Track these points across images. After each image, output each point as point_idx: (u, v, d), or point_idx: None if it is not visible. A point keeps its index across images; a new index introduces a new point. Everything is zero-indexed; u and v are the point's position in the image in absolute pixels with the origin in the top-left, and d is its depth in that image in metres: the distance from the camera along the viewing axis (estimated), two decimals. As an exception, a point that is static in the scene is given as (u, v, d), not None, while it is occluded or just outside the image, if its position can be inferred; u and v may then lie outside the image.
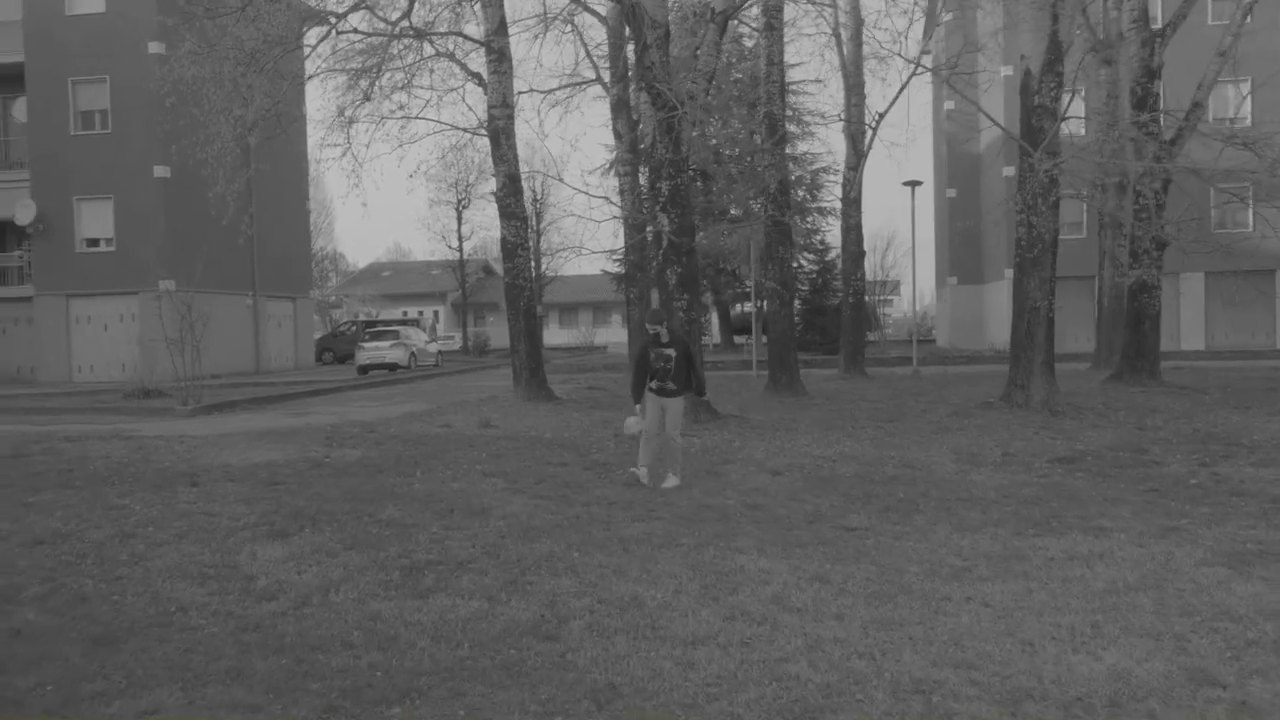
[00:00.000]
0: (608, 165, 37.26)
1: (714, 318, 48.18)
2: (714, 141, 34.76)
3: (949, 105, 40.02)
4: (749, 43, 31.32)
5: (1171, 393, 17.66)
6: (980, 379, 22.40)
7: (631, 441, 10.71)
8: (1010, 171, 34.60)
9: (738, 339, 45.59)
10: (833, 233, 40.85)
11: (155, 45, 27.42)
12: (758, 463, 11.13)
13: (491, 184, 56.58)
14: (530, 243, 17.55)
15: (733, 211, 39.74)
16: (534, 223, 36.88)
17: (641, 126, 13.63)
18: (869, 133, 20.48)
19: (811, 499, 9.11)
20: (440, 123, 17.37)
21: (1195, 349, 33.31)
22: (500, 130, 17.11)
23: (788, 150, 42.35)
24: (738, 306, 45.63)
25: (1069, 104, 14.60)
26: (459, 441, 12.72)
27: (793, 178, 40.76)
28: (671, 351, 9.52)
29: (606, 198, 28.83)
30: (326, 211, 62.09)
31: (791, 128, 41.00)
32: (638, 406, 9.69)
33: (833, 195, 40.32)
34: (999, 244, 35.98)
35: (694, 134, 13.43)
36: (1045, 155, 15.02)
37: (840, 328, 22.41)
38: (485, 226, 79.85)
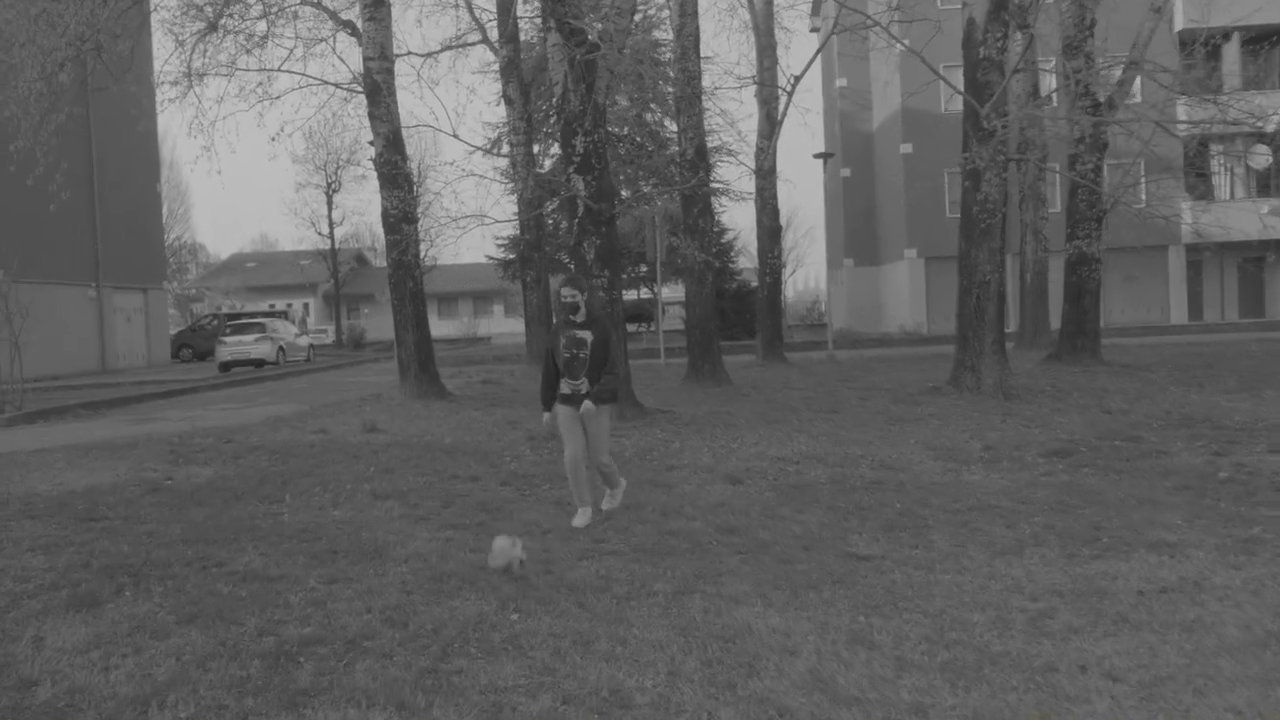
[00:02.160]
0: (489, 144, 34.94)
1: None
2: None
3: (841, 82, 39.14)
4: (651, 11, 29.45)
5: (1116, 372, 16.70)
6: (904, 362, 21.23)
7: (552, 445, 8.73)
8: (908, 149, 33.93)
9: (630, 327, 43.82)
10: (728, 213, 39.47)
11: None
12: (708, 468, 9.32)
13: (365, 163, 53.17)
14: (417, 215, 15.23)
15: (622, 194, 37.93)
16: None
17: (552, 76, 11.57)
18: (783, 98, 18.92)
19: (793, 515, 7.35)
20: (308, 76, 14.95)
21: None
22: (379, 85, 14.75)
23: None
24: (629, 293, 43.87)
25: (1019, 59, 13.28)
26: (339, 452, 10.48)
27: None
28: (587, 335, 6.88)
29: (498, 178, 26.57)
30: (182, 198, 57.50)
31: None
32: (546, 415, 7.10)
33: (722, 176, 38.93)
34: (897, 224, 35.26)
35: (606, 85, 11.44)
36: (993, 113, 13.67)
37: (745, 311, 21.02)
38: (358, 211, 75.97)
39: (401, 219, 14.99)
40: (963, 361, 14.44)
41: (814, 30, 37.90)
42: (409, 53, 15.69)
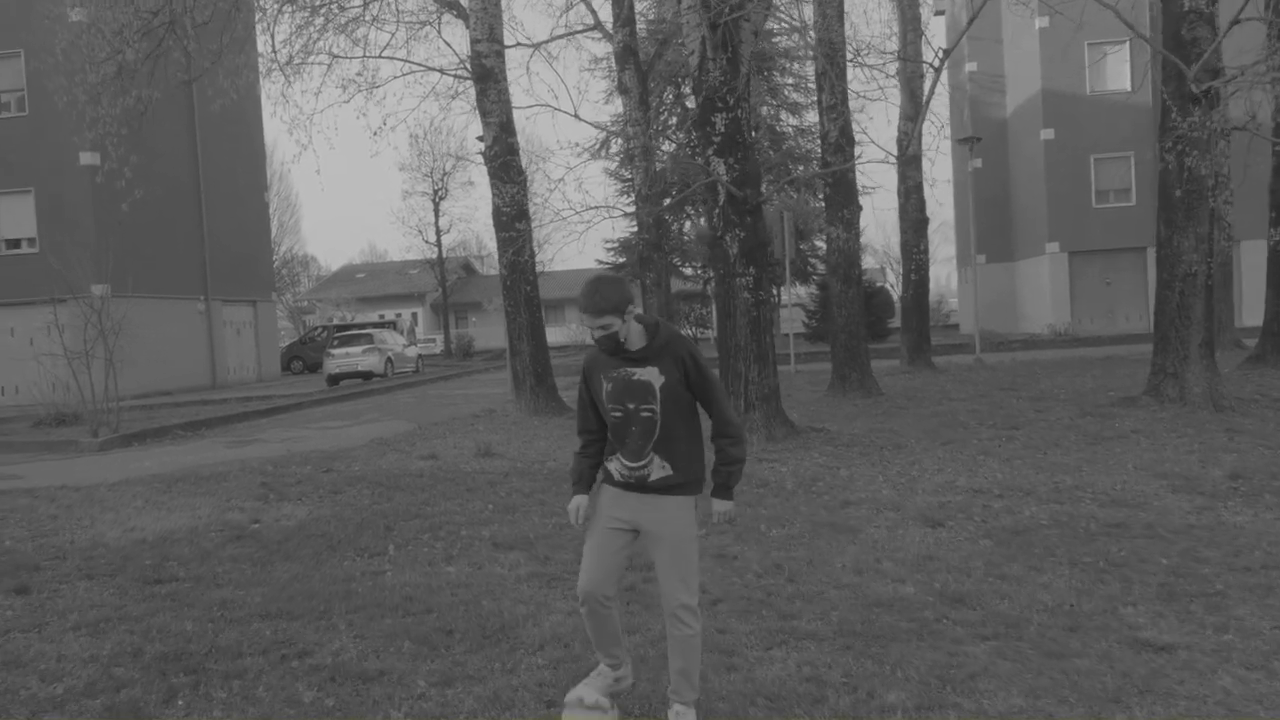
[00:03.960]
0: (597, 143, 33.66)
1: (713, 309, 44.60)
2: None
3: (971, 66, 36.59)
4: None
5: (1339, 377, 14.22)
6: (1067, 367, 18.92)
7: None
8: (1049, 135, 31.26)
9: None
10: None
11: (78, 12, 23.53)
12: (893, 504, 7.57)
13: (471, 168, 52.57)
14: (530, 213, 13.85)
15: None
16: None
17: (686, 46, 9.97)
18: (930, 75, 16.91)
19: (1028, 574, 5.63)
20: (411, 62, 13.70)
21: (1256, 324, 29.98)
22: (488, 71, 13.40)
23: (794, 122, 38.89)
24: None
25: (1239, 10, 11.08)
26: (451, 482, 9.06)
27: (800, 151, 37.25)
28: (652, 373, 3.71)
29: (616, 173, 25.12)
30: (292, 209, 58.11)
31: (797, 96, 37.47)
32: (575, 501, 3.92)
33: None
34: (1036, 217, 32.61)
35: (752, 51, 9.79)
36: (1203, 73, 11.50)
37: (873, 313, 19.03)
38: (464, 218, 75.68)
39: (515, 216, 13.60)
40: (1163, 367, 12.26)
41: (939, 13, 35.49)
42: (517, 44, 14.41)
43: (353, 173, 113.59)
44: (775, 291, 40.06)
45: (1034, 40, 31.48)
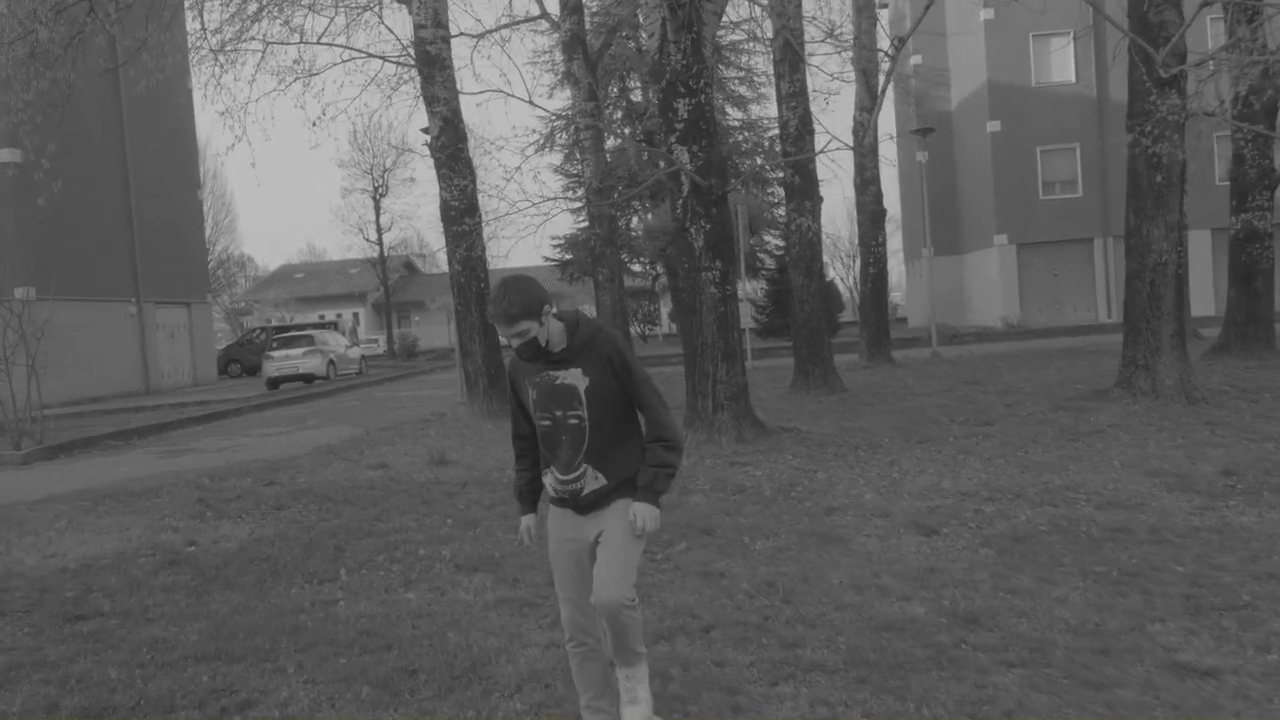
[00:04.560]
0: (542, 137, 32.99)
1: (663, 303, 44.21)
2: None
3: (916, 59, 36.58)
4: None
5: (1299, 366, 14.19)
6: (1026, 359, 18.79)
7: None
8: (996, 127, 31.33)
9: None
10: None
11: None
12: (879, 510, 7.15)
13: (412, 166, 51.33)
14: (480, 209, 13.21)
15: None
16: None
17: (645, 30, 9.47)
18: (885, 64, 16.61)
19: (1040, 588, 5.27)
20: (351, 49, 12.97)
21: (1205, 314, 30.40)
22: (433, 58, 12.73)
23: (740, 116, 38.51)
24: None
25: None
26: (404, 495, 8.43)
27: (747, 145, 36.93)
28: (575, 374, 3.35)
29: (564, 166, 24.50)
30: (228, 208, 56.43)
31: (743, 90, 37.15)
32: (525, 521, 3.66)
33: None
34: (984, 209, 32.69)
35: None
36: (1171, 58, 11.29)
37: (826, 307, 18.54)
38: (406, 215, 74.47)
39: (465, 210, 12.95)
40: (1134, 359, 12.05)
41: (883, 5, 35.38)
42: (460, 33, 13.73)
43: (290, 170, 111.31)
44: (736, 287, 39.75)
45: (979, 33, 31.52)
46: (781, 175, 36.69)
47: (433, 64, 12.77)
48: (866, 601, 5.14)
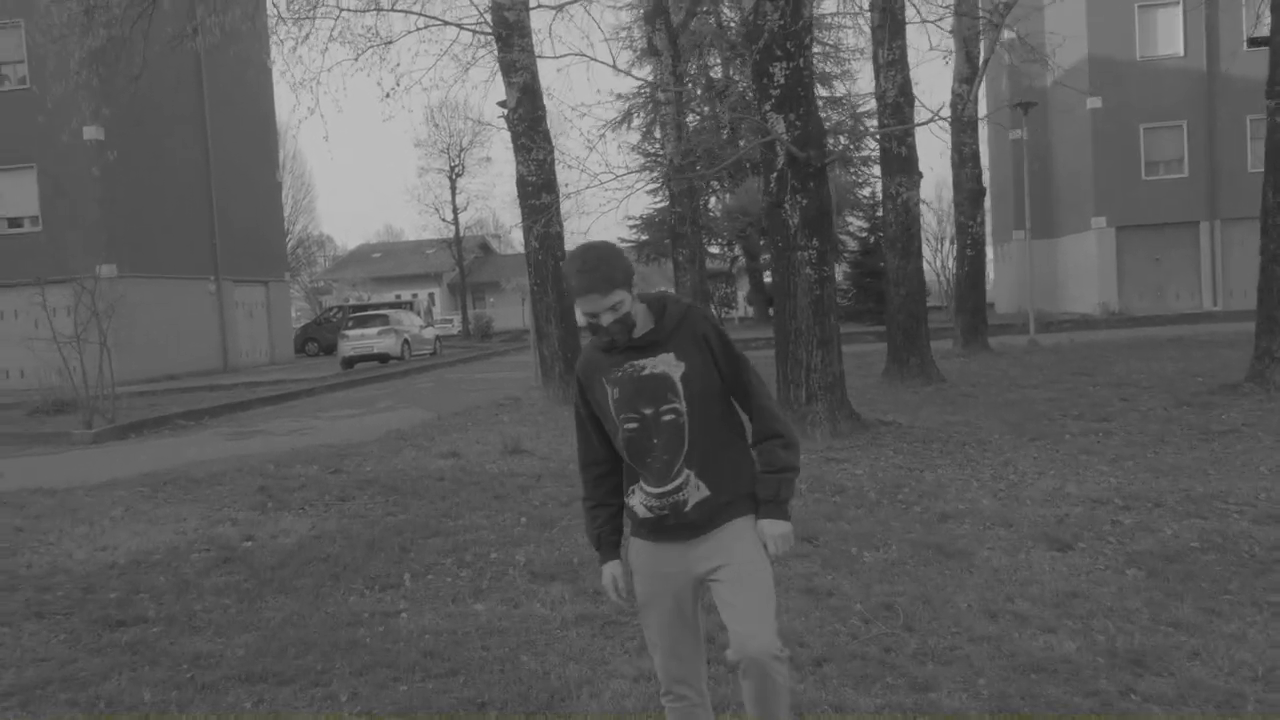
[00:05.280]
0: (620, 115, 32.36)
1: (740, 284, 43.24)
2: (742, 85, 29.68)
3: (1008, 34, 34.92)
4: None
5: None
6: (1136, 349, 17.59)
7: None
8: (1097, 103, 29.69)
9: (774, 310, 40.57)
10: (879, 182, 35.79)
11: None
12: (1000, 519, 6.36)
13: (488, 144, 50.97)
14: (558, 184, 12.61)
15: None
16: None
17: (725, 10, 8.70)
18: (986, 33, 15.57)
19: (1210, 624, 4.52)
20: (426, 16, 12.43)
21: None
22: (513, 25, 12.15)
23: (825, 93, 37.32)
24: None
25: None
26: (476, 488, 7.88)
27: (831, 124, 35.76)
28: (666, 368, 2.71)
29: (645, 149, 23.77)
30: (307, 189, 57.03)
31: (827, 66, 35.98)
32: (608, 571, 2.92)
33: (872, 145, 35.19)
34: (1081, 191, 31.08)
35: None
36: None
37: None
38: (481, 195, 74.57)
39: (542, 186, 12.36)
40: (1269, 351, 10.96)
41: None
42: (539, 4, 13.13)
43: (368, 151, 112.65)
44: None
45: (1080, 3, 29.85)
46: (866, 153, 35.47)
47: (511, 30, 12.18)
48: (1004, 632, 4.41)
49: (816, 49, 35.48)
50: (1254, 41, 28.72)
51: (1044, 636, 4.33)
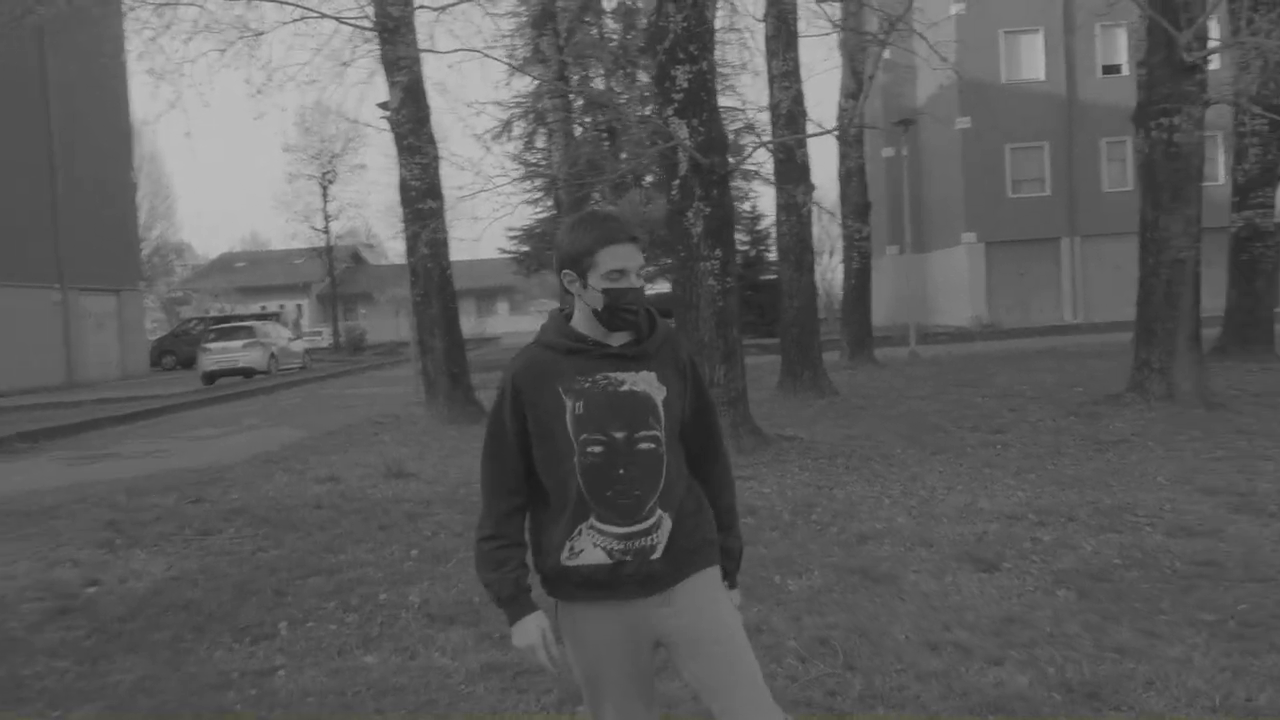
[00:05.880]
0: (501, 125, 31.67)
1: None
2: (624, 97, 29.45)
3: (887, 54, 35.88)
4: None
5: (1303, 370, 13.51)
6: (1013, 360, 18.04)
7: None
8: (966, 123, 30.69)
9: (658, 323, 40.32)
10: (762, 199, 36.14)
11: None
12: (919, 538, 6.13)
13: (362, 149, 49.33)
14: (442, 189, 11.96)
15: (646, 181, 34.67)
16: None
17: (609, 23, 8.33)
18: (874, 48, 15.65)
19: (1153, 648, 4.37)
20: (302, 6, 11.54)
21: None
22: (398, 21, 11.45)
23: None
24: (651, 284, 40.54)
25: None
26: (359, 516, 7.19)
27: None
28: (648, 388, 2.26)
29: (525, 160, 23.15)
30: (165, 194, 54.07)
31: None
32: (532, 624, 2.30)
33: (753, 160, 35.47)
34: (951, 207, 32.08)
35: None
36: (1195, 41, 10.46)
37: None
38: (355, 204, 72.45)
39: (426, 191, 11.68)
40: (1148, 362, 11.22)
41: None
42: (421, 5, 12.41)
43: (235, 154, 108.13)
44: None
45: (949, 27, 30.80)
46: (749, 166, 35.70)
47: (394, 27, 11.48)
48: (950, 667, 4.11)
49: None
50: (1108, 69, 30.29)
51: (993, 670, 4.05)
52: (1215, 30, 13.31)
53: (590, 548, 2.24)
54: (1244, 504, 6.65)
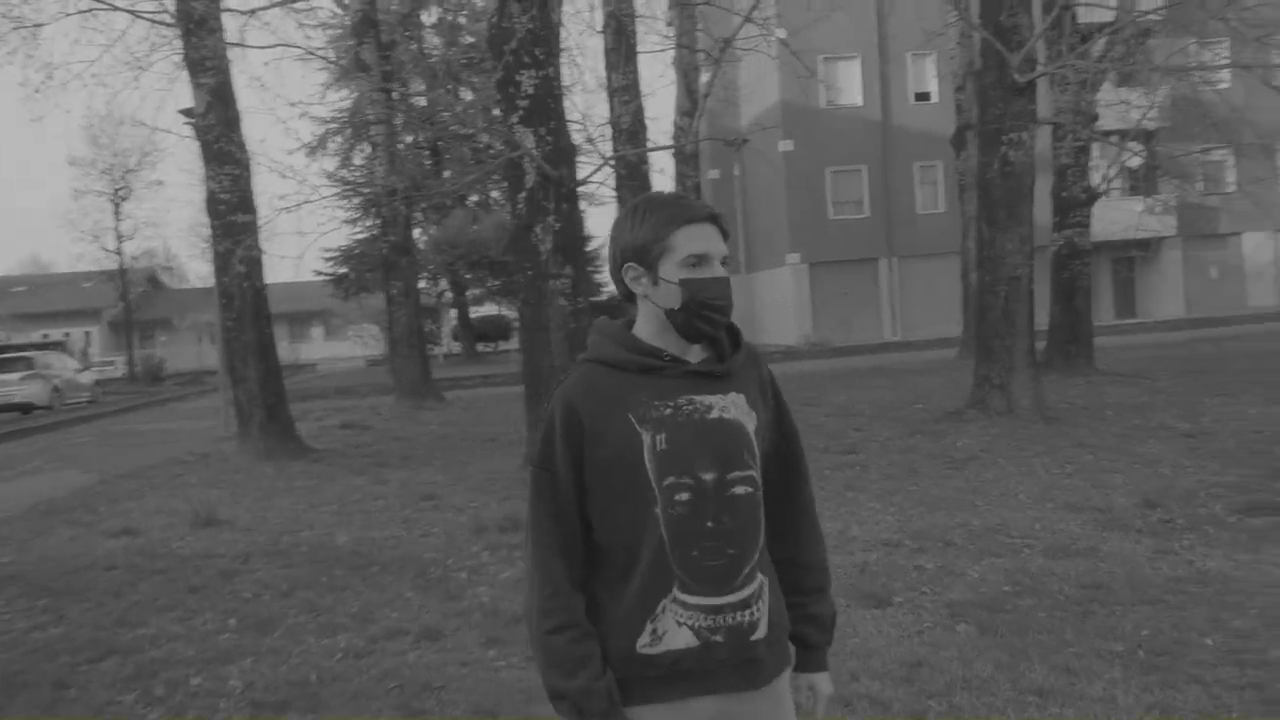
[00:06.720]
0: (317, 139, 30.13)
1: (446, 320, 41.83)
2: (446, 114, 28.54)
3: (705, 77, 36.41)
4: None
5: (1122, 382, 14.23)
6: (846, 379, 18.34)
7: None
8: (789, 146, 31.43)
9: (482, 346, 39.42)
10: (591, 219, 36.01)
11: None
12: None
13: (159, 165, 45.90)
14: (255, 202, 10.82)
15: (471, 200, 33.85)
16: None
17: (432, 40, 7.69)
18: (707, 67, 15.59)
19: (1070, 686, 4.24)
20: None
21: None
22: (199, 18, 10.29)
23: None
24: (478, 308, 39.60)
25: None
26: (163, 577, 6.14)
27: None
28: (739, 414, 1.77)
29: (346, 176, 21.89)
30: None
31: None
32: None
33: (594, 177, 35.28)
34: (775, 228, 32.78)
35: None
36: (1025, 64, 10.76)
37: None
38: (151, 223, 67.34)
39: (237, 205, 10.53)
40: (988, 378, 11.45)
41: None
42: (226, 9, 11.23)
43: (10, 167, 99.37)
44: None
45: (771, 52, 31.57)
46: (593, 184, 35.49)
47: (198, 24, 10.31)
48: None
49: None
50: (919, 96, 31.76)
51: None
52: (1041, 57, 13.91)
53: (675, 627, 1.68)
54: (1109, 521, 6.66)
